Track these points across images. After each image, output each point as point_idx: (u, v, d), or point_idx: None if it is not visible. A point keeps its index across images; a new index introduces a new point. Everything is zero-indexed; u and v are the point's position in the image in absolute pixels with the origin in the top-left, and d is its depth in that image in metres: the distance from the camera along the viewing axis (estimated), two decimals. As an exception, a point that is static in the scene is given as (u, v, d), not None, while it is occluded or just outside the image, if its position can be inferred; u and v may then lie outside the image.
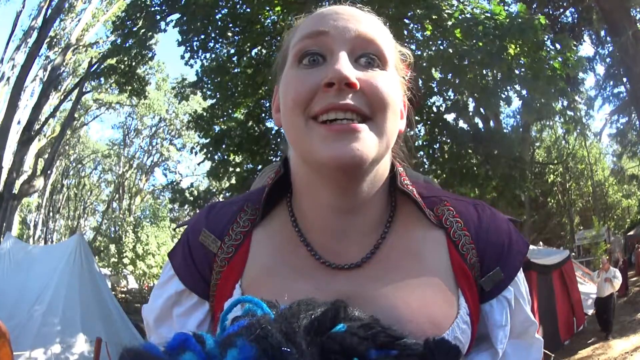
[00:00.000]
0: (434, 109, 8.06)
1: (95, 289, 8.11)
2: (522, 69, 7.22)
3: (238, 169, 8.95)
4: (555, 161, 22.38)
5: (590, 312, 10.15)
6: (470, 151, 7.80)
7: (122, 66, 11.92)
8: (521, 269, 0.82)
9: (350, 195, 0.73)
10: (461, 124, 8.32)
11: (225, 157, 8.84)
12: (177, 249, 0.85)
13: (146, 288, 23.84)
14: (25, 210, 29.67)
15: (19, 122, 14.08)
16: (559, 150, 25.42)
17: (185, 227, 0.87)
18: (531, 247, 9.48)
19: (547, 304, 7.72)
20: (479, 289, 0.78)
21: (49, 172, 25.02)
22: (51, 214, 32.25)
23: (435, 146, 7.87)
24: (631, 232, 20.24)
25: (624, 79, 14.69)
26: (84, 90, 16.66)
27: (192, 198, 8.84)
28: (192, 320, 0.82)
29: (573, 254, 18.39)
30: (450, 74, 7.75)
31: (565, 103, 8.26)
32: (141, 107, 29.51)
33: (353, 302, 0.64)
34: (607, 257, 11.63)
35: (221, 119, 9.33)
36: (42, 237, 30.44)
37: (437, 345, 0.53)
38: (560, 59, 6.97)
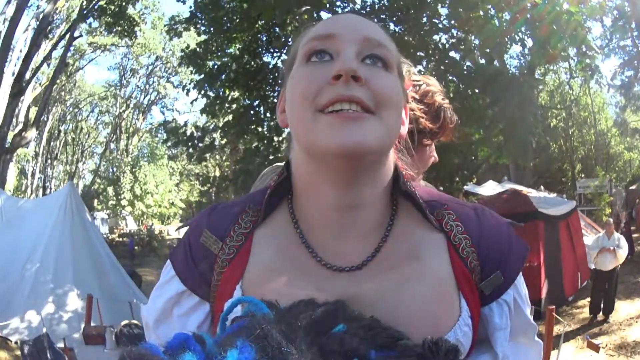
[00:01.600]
0: (440, 45, 7.56)
1: (88, 241, 7.92)
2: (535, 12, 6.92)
3: (234, 105, 8.65)
4: (559, 106, 21.94)
5: (593, 266, 9.81)
6: (477, 91, 7.33)
7: (112, 7, 11.70)
8: (521, 273, 0.82)
9: (353, 189, 0.74)
10: (468, 63, 7.80)
11: (221, 92, 8.53)
12: (178, 249, 0.86)
13: (144, 228, 23.91)
14: (23, 160, 29.72)
15: (12, 74, 13.76)
16: (562, 96, 25.14)
17: (187, 227, 0.88)
18: (538, 195, 9.09)
19: (553, 257, 7.46)
20: (479, 292, 0.78)
21: (43, 120, 24.93)
22: (49, 161, 32.16)
23: (441, 84, 7.32)
24: (633, 187, 20.04)
25: (633, 33, 14.56)
26: (75, 35, 16.42)
27: (185, 137, 8.47)
28: (193, 321, 0.82)
29: (575, 200, 18.27)
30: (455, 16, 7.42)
31: (575, 50, 8.02)
32: (137, 47, 29.38)
33: (353, 304, 0.66)
34: (612, 218, 10.99)
35: (215, 54, 8.97)
36: (40, 186, 30.43)
37: (436, 345, 0.52)
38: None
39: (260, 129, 8.11)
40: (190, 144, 8.30)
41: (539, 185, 13.15)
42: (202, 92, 8.43)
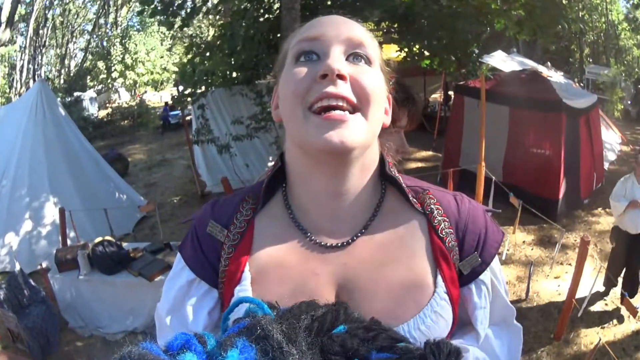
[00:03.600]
0: None
1: (63, 141, 7.32)
2: None
3: None
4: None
5: (606, 166, 9.24)
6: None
7: None
8: (497, 257, 0.88)
9: (342, 179, 0.81)
10: None
11: None
12: (186, 242, 0.92)
13: (138, 97, 24.00)
14: (11, 58, 28.16)
15: None
16: None
17: (192, 222, 0.93)
18: (562, 81, 8.36)
19: (572, 154, 6.86)
20: (458, 272, 0.85)
21: (28, 11, 23.38)
22: (39, 49, 30.65)
23: None
24: (642, 84, 19.14)
25: None
26: None
27: (162, 6, 7.31)
28: (204, 308, 0.87)
29: (582, 84, 17.57)
30: None
31: None
32: None
33: (343, 276, 0.80)
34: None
35: None
36: (30, 78, 28.98)
37: (437, 347, 0.54)
38: None
39: None
40: (169, 11, 7.21)
41: (545, 62, 12.27)
42: None
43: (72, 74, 30.60)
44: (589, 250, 4.43)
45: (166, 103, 19.00)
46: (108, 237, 4.71)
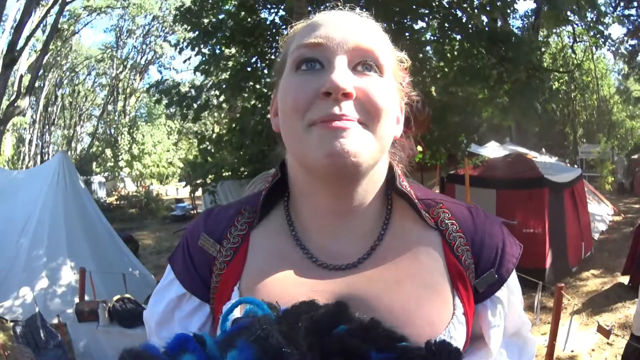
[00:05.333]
0: (444, 3, 7.19)
1: (81, 210, 7.64)
2: None
3: (230, 62, 8.38)
4: (561, 69, 21.61)
5: (597, 236, 9.68)
6: (483, 51, 7.01)
7: None
8: (514, 271, 0.83)
9: (347, 198, 0.75)
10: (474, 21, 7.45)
11: (217, 50, 8.27)
12: (177, 253, 0.87)
13: (143, 189, 23.86)
14: (20, 129, 29.68)
15: (6, 44, 13.31)
16: (565, 59, 24.85)
17: (184, 231, 0.89)
18: (542, 160, 8.88)
19: (557, 226, 7.27)
20: (473, 290, 0.80)
21: (40, 86, 24.73)
22: (47, 127, 32.03)
23: (445, 42, 7.09)
24: (635, 156, 19.82)
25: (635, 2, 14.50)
26: (67, 0, 15.93)
27: (178, 97, 8.19)
28: (194, 324, 0.83)
29: (576, 165, 18.12)
30: None
31: (581, 17, 7.56)
32: (132, 8, 29.29)
33: (349, 302, 0.64)
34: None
35: (211, 12, 8.63)
36: (38, 153, 30.31)
37: (438, 348, 0.53)
38: None
39: (257, 86, 7.83)
40: (184, 103, 8.01)
41: (540, 148, 12.92)
42: (197, 49, 8.13)
43: (79, 157, 30.88)
44: (575, 307, 4.87)
45: (176, 199, 19.74)
46: (127, 295, 4.96)
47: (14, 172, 8.96)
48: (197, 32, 8.15)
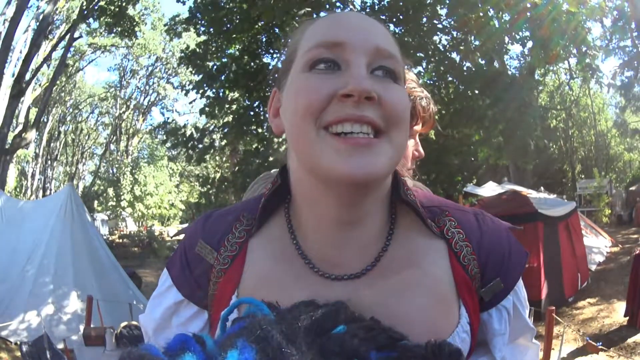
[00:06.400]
0: (440, 47, 7.55)
1: (88, 242, 7.85)
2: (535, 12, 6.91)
3: (234, 106, 8.66)
4: (559, 107, 21.98)
5: (594, 267, 9.80)
6: (477, 92, 7.32)
7: (112, 7, 11.82)
8: (521, 278, 0.82)
9: (355, 207, 0.72)
10: (468, 64, 7.79)
11: (221, 93, 8.55)
12: (174, 259, 0.85)
13: (144, 230, 23.91)
14: (23, 161, 29.75)
15: (12, 75, 13.82)
16: (562, 96, 25.22)
17: (183, 235, 0.88)
18: (538, 195, 9.10)
19: (553, 258, 7.43)
20: (479, 298, 0.78)
21: (43, 121, 24.93)
22: (49, 162, 32.23)
23: (441, 85, 7.39)
24: (633, 187, 20.02)
25: (633, 34, 14.76)
26: (75, 36, 16.41)
27: (184, 139, 8.51)
28: (192, 329, 0.81)
29: (575, 201, 18.24)
30: (454, 16, 7.34)
31: (575, 50, 7.94)
32: (136, 48, 29.47)
33: (351, 307, 0.65)
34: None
35: (215, 55, 8.98)
36: (40, 187, 30.54)
37: (439, 347, 0.52)
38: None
39: (260, 130, 8.11)
40: (189, 145, 8.31)
41: (539, 186, 13.13)
42: (201, 92, 8.41)
43: (81, 195, 31.70)
44: (573, 335, 5.02)
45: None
46: (134, 322, 5.04)
47: (20, 202, 9.18)
48: (201, 75, 8.45)
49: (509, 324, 0.81)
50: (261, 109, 8.34)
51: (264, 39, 8.74)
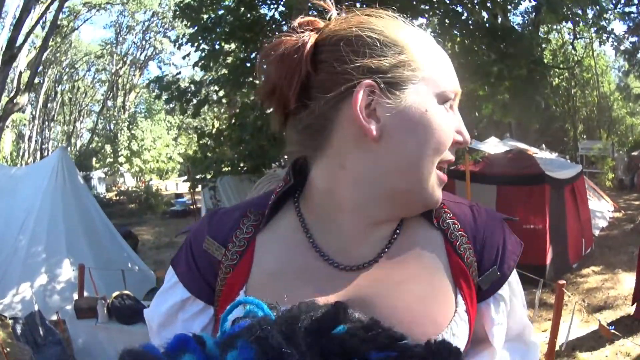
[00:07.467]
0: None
1: (81, 206, 7.66)
2: None
3: (230, 58, 8.39)
4: (561, 65, 21.56)
5: (597, 232, 9.62)
6: (483, 47, 6.97)
7: None
8: (515, 270, 0.84)
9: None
10: (474, 18, 7.42)
11: (216, 46, 8.26)
12: (180, 256, 0.86)
13: (142, 184, 23.97)
14: (20, 125, 29.60)
15: (6, 41, 13.49)
16: (565, 55, 24.71)
17: (187, 234, 0.89)
18: (544, 156, 8.86)
19: (557, 222, 7.23)
20: (476, 288, 0.80)
21: (39, 82, 24.64)
22: (46, 123, 32.05)
23: (445, 38, 7.09)
24: (635, 153, 19.78)
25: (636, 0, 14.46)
26: None
27: (178, 92, 8.24)
28: (197, 325, 0.83)
29: (577, 160, 18.08)
30: None
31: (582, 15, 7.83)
32: (132, 4, 29.27)
33: (357, 302, 0.69)
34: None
35: (211, 7, 8.60)
36: (37, 149, 30.32)
37: (438, 347, 0.53)
38: None
39: (257, 82, 7.78)
40: (184, 98, 8.04)
41: (540, 144, 12.91)
42: (196, 45, 8.13)
43: (78, 153, 30.90)
44: (578, 306, 4.86)
45: (176, 194, 19.80)
46: (126, 292, 4.90)
47: (13, 169, 8.90)
48: (196, 28, 8.17)
49: (507, 316, 0.83)
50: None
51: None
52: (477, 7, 7.39)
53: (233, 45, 8.44)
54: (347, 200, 0.75)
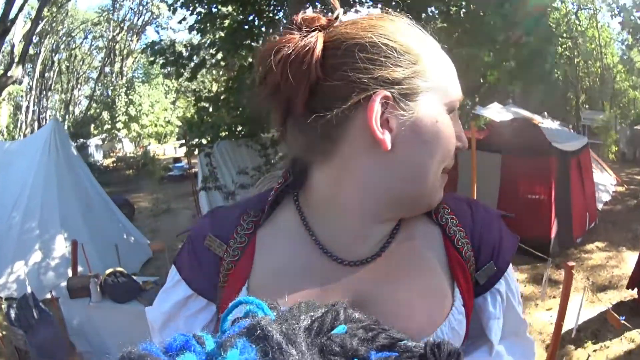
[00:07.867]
0: None
1: (75, 179, 7.53)
2: None
3: (227, 21, 8.07)
4: (565, 35, 21.21)
5: (600, 206, 9.48)
6: (489, 13, 6.69)
7: None
8: (511, 266, 0.86)
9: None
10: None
11: (213, 8, 7.95)
12: (182, 255, 0.87)
13: (140, 149, 24.15)
14: (17, 97, 29.28)
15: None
16: (569, 25, 24.49)
17: (188, 234, 0.89)
18: (551, 126, 8.63)
19: (563, 195, 7.10)
20: (474, 282, 0.82)
21: (35, 53, 24.13)
22: (44, 92, 31.75)
23: (450, 2, 6.83)
24: (638, 126, 19.53)
25: None
26: None
27: (173, 57, 7.98)
28: (200, 322, 0.84)
29: (579, 130, 17.88)
30: None
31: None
32: None
33: (358, 297, 0.74)
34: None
35: None
36: (35, 119, 30.08)
37: (438, 347, 0.52)
38: None
39: (255, 44, 7.57)
40: (179, 62, 7.79)
41: (542, 112, 12.71)
42: (192, 8, 7.84)
43: (76, 121, 30.75)
44: (583, 283, 4.74)
45: (174, 159, 19.64)
46: (119, 269, 4.81)
47: (6, 144, 8.75)
48: (193, -9, 7.83)
49: (503, 311, 0.85)
50: (256, 23, 7.84)
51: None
52: None
53: (230, 8, 8.14)
54: (352, 203, 0.75)
